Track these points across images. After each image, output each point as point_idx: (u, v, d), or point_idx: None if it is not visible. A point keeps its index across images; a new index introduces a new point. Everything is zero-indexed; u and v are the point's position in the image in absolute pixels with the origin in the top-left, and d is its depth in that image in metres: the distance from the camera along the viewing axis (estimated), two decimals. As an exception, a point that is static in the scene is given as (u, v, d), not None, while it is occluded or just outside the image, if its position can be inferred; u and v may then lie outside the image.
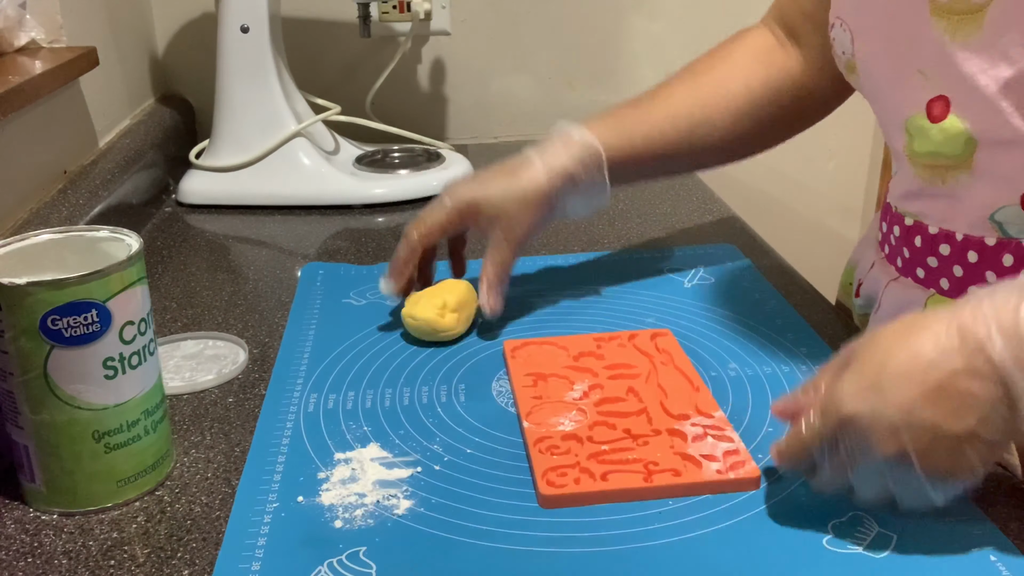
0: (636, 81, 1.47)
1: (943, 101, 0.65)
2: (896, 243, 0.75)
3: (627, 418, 0.68)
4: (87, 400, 0.60)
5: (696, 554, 0.56)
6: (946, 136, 0.65)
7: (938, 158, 0.67)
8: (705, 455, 0.64)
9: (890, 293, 0.76)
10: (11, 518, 0.62)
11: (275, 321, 0.87)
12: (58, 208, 0.94)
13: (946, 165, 0.67)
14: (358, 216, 1.15)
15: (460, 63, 1.44)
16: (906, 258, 0.74)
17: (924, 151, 0.68)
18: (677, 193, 1.20)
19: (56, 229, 0.65)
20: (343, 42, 1.40)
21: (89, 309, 0.58)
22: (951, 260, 0.69)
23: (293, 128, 1.16)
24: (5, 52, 0.99)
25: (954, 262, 0.69)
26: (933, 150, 0.67)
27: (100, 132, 1.13)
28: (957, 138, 0.65)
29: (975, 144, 0.64)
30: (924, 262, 0.72)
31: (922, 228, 0.71)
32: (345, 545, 0.57)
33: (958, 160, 0.66)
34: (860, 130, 1.55)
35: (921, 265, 0.72)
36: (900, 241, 0.74)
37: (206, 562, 0.57)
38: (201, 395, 0.75)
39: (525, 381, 0.74)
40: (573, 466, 0.63)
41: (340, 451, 0.67)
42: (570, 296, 0.90)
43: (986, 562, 0.55)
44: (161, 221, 1.14)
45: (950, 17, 0.63)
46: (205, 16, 1.35)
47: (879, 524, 0.58)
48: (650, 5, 1.44)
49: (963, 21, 0.62)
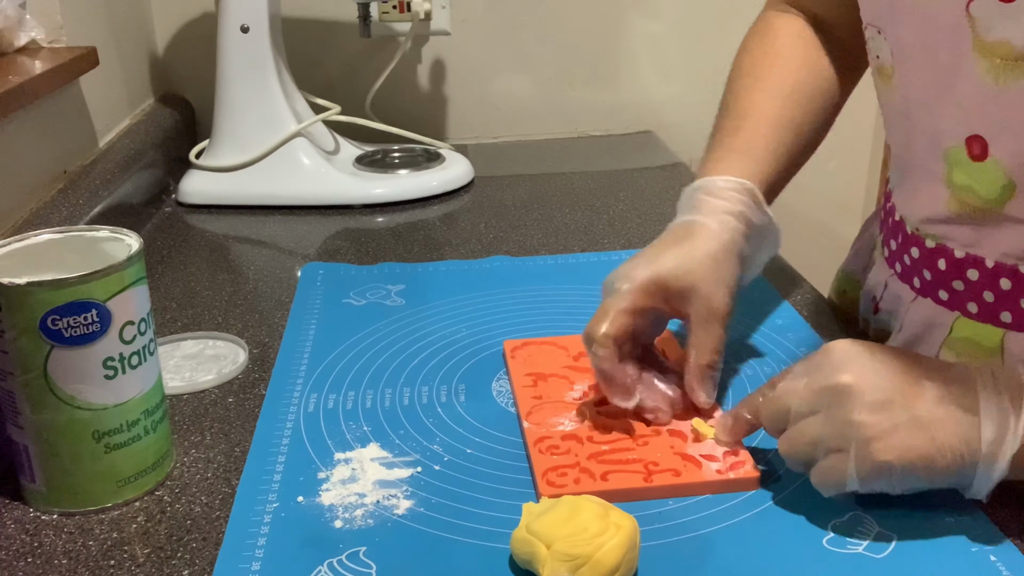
0: (636, 81, 1.48)
1: (980, 141, 0.63)
2: (913, 264, 0.73)
3: (627, 418, 0.68)
4: (87, 400, 0.60)
5: (696, 554, 0.56)
6: (986, 176, 0.64)
7: (971, 195, 0.65)
8: (705, 455, 0.64)
9: (911, 313, 0.74)
10: (11, 518, 0.62)
11: (275, 321, 0.87)
12: (58, 208, 0.94)
13: (976, 205, 0.65)
14: (358, 216, 1.15)
15: (460, 63, 1.44)
16: (927, 280, 0.72)
17: (961, 183, 0.66)
18: (677, 193, 1.19)
19: (56, 229, 0.65)
20: (343, 42, 1.40)
21: (89, 309, 0.58)
22: (980, 285, 0.68)
23: (293, 128, 1.16)
24: (5, 52, 0.99)
25: (984, 287, 0.67)
26: (969, 185, 0.65)
27: (100, 132, 1.13)
28: (996, 181, 0.63)
29: (1014, 189, 0.63)
30: (948, 285, 0.70)
31: (946, 251, 0.69)
32: (345, 545, 0.57)
33: (993, 203, 0.64)
34: (860, 130, 1.55)
35: (945, 287, 0.70)
36: (919, 263, 0.72)
37: (206, 562, 0.57)
38: (201, 395, 0.75)
39: (525, 381, 0.74)
40: (573, 466, 0.63)
41: (340, 451, 0.67)
42: (570, 296, 0.90)
43: (986, 562, 0.55)
44: (161, 221, 1.14)
45: (992, 59, 0.60)
46: (205, 16, 1.35)
47: (879, 524, 0.58)
48: (650, 5, 1.44)
49: (1007, 67, 0.60)
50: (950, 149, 0.66)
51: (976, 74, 0.62)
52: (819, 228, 1.60)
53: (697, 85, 1.48)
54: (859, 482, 0.56)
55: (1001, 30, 0.59)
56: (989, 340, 0.68)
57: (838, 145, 1.55)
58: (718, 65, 1.35)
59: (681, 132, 1.47)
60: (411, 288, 0.92)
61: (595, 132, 1.49)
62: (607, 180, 1.26)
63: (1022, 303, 0.66)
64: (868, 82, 0.85)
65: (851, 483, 0.56)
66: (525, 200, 1.18)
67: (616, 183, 1.25)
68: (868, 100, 0.82)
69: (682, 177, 1.26)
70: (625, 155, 1.39)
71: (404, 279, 0.94)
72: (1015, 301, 0.66)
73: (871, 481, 0.55)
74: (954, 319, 0.70)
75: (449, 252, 1.03)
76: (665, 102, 1.49)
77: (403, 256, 1.01)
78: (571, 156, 1.39)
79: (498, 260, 0.99)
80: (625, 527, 0.54)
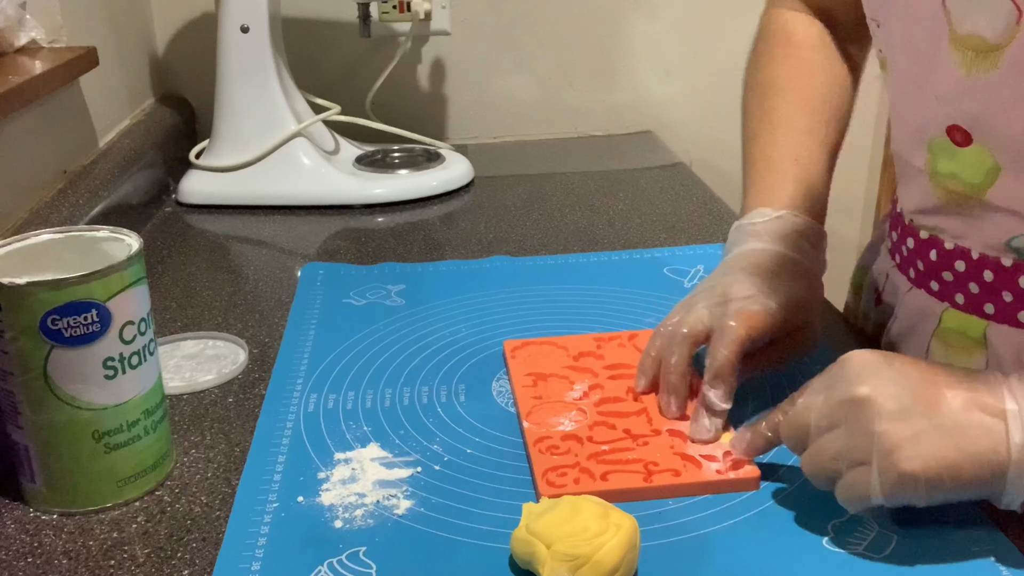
0: (636, 81, 1.47)
1: (960, 130, 0.64)
2: (909, 254, 0.74)
3: (627, 418, 0.68)
4: (87, 400, 0.60)
5: (696, 554, 0.56)
6: (972, 160, 0.64)
7: (955, 181, 0.66)
8: (705, 455, 0.64)
9: (905, 304, 0.75)
10: (11, 518, 0.62)
11: (275, 321, 0.87)
12: (58, 208, 0.94)
13: (963, 191, 0.66)
14: (358, 216, 1.15)
15: (460, 63, 1.44)
16: (920, 270, 0.73)
17: (946, 171, 0.66)
18: (677, 193, 1.20)
19: (56, 229, 0.65)
20: (343, 42, 1.40)
21: (89, 309, 0.58)
22: (966, 277, 0.68)
23: (293, 128, 1.16)
24: (5, 52, 0.99)
25: (969, 279, 0.68)
26: (954, 172, 0.66)
27: (100, 132, 1.13)
28: (982, 164, 0.63)
29: (998, 172, 0.63)
30: (939, 275, 0.71)
31: (937, 242, 0.70)
32: (345, 545, 0.57)
33: (976, 189, 0.65)
34: (860, 130, 1.54)
35: (936, 278, 0.71)
36: (913, 253, 0.74)
37: (206, 562, 0.57)
38: (201, 395, 0.75)
39: (525, 381, 0.74)
40: (573, 466, 0.63)
41: (340, 451, 0.67)
42: (570, 296, 0.90)
43: (986, 563, 0.55)
44: (161, 221, 1.14)
45: (964, 51, 0.61)
46: (205, 16, 1.35)
47: (879, 525, 0.58)
48: (650, 5, 1.44)
49: (977, 59, 0.60)
50: (934, 139, 0.67)
51: (949, 66, 0.62)
52: (819, 228, 1.60)
53: (697, 85, 1.48)
54: (884, 495, 0.54)
55: (972, 23, 0.60)
56: (974, 331, 0.69)
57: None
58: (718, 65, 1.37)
59: (681, 132, 1.47)
60: (411, 288, 0.92)
61: (595, 132, 1.49)
62: (607, 180, 1.26)
63: (1004, 295, 0.66)
64: (868, 82, 0.85)
65: (876, 497, 0.54)
66: (525, 200, 1.18)
67: (616, 183, 1.24)
68: (868, 100, 0.83)
69: (682, 177, 1.26)
70: (625, 155, 1.39)
71: (404, 279, 0.94)
72: (998, 293, 0.67)
73: (896, 494, 0.53)
74: (943, 310, 0.71)
75: (449, 252, 1.03)
76: (665, 102, 1.49)
77: (403, 256, 1.01)
78: (571, 156, 1.39)
79: (498, 260, 0.99)
80: (625, 527, 0.54)
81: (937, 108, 0.65)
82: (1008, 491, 0.53)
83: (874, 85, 1.52)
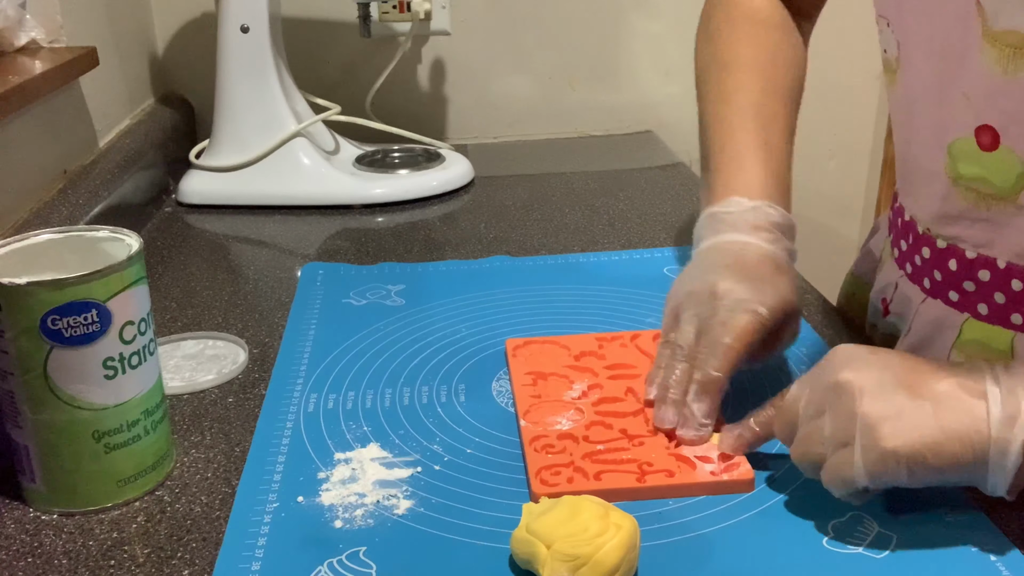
0: (636, 81, 1.47)
1: (990, 131, 0.62)
2: (923, 264, 0.72)
3: (624, 418, 0.68)
4: (87, 400, 0.60)
5: (696, 554, 0.56)
6: (999, 165, 0.63)
7: (985, 184, 0.64)
8: (700, 456, 0.64)
9: (920, 315, 0.73)
10: (11, 518, 0.62)
11: (275, 321, 0.87)
12: (58, 208, 0.94)
13: (991, 193, 0.64)
14: (358, 216, 1.15)
15: (460, 63, 1.44)
16: (937, 280, 0.71)
17: (970, 175, 0.65)
18: (677, 193, 1.20)
19: (56, 229, 0.65)
20: (343, 42, 1.40)
21: (89, 309, 0.58)
22: (991, 286, 0.67)
23: (293, 128, 1.16)
24: (5, 52, 0.99)
25: (995, 288, 0.66)
26: (981, 176, 0.64)
27: (100, 132, 1.13)
28: (1010, 170, 0.62)
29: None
30: (959, 286, 0.69)
31: (957, 251, 0.68)
32: (345, 545, 0.57)
33: (1006, 192, 0.63)
34: (860, 130, 1.55)
35: (955, 288, 0.69)
36: (929, 263, 0.71)
37: (206, 562, 0.57)
38: (201, 395, 0.75)
39: (525, 380, 0.74)
40: (567, 465, 0.63)
41: (340, 451, 0.67)
42: (570, 296, 0.90)
43: (986, 562, 0.55)
44: (161, 221, 1.14)
45: (1002, 48, 0.60)
46: (205, 16, 1.35)
47: (879, 524, 0.58)
48: (650, 5, 1.44)
49: (1016, 55, 0.59)
50: (956, 141, 0.65)
51: (984, 64, 0.61)
52: (819, 228, 1.60)
53: (697, 85, 1.48)
54: (867, 475, 0.54)
55: (1009, 18, 0.59)
56: (999, 342, 0.67)
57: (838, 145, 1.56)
58: (718, 65, 1.36)
59: (681, 132, 1.47)
60: (411, 288, 0.92)
61: (595, 132, 1.49)
62: (607, 180, 1.26)
63: None
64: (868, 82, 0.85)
65: (859, 478, 0.54)
66: (525, 200, 1.18)
67: (616, 183, 1.25)
68: (868, 100, 0.83)
69: (682, 177, 1.26)
70: (625, 155, 1.39)
71: (404, 279, 0.94)
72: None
73: (879, 473, 0.54)
74: (963, 321, 0.69)
75: (449, 252, 1.03)
76: (665, 102, 1.49)
77: (403, 256, 1.01)
78: (571, 156, 1.39)
79: (498, 260, 0.99)
80: (625, 527, 0.54)
81: (966, 108, 0.63)
82: (992, 472, 0.53)
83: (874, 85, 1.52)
